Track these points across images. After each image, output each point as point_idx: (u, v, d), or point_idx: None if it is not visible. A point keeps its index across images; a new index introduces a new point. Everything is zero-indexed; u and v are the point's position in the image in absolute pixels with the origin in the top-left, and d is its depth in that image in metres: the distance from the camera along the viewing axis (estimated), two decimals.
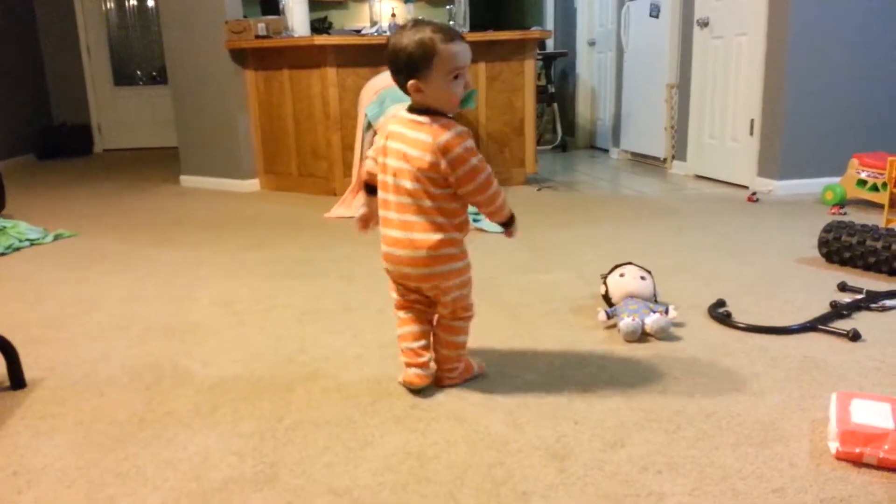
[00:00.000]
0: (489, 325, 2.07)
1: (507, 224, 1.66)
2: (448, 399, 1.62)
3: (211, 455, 1.42)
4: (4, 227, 3.33)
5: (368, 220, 1.73)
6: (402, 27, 1.55)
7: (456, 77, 1.52)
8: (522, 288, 2.45)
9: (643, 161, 5.73)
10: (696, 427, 1.47)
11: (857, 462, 1.32)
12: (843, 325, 1.98)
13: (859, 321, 2.03)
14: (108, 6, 7.73)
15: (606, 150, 6.46)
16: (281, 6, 4.63)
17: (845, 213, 3.49)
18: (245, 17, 4.74)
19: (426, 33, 1.50)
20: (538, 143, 5.35)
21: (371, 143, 3.81)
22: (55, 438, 1.51)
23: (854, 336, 1.89)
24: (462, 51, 1.51)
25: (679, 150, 5.09)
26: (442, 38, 1.49)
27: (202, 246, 3.26)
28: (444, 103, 1.54)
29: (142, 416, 1.60)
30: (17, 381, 1.77)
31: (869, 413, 1.37)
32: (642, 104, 5.55)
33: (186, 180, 5.13)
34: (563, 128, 6.87)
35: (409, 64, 1.51)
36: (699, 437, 1.43)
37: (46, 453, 1.45)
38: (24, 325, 2.24)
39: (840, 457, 1.33)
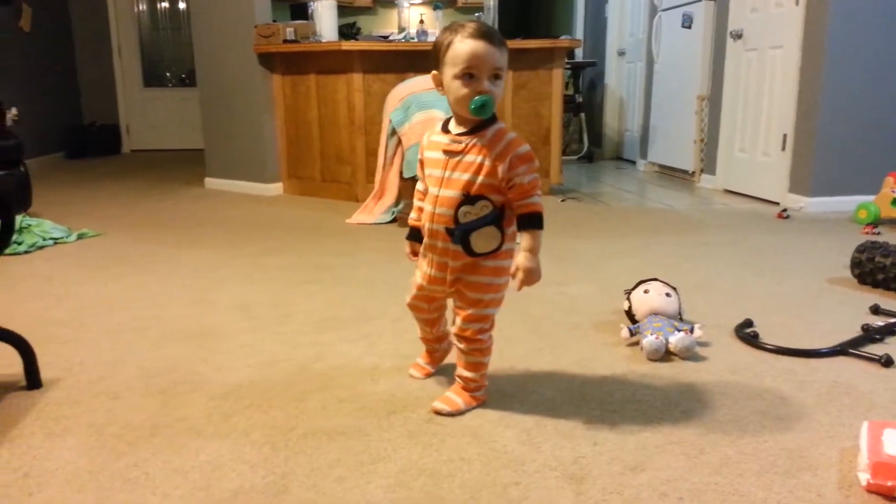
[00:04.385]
0: (508, 338, 2.03)
1: None
2: (464, 416, 1.58)
3: (222, 464, 1.40)
4: (29, 226, 3.35)
5: None
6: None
7: (468, 76, 1.43)
8: (543, 301, 2.41)
9: (671, 174, 5.65)
10: (719, 452, 1.42)
11: (889, 495, 1.26)
12: (876, 349, 1.91)
13: (892, 346, 1.97)
14: (140, 8, 7.84)
15: (633, 162, 6.39)
16: (310, 11, 4.64)
17: (879, 233, 3.40)
18: (274, 21, 4.76)
19: (456, 28, 1.46)
20: (564, 153, 5.30)
21: (395, 150, 3.79)
22: (68, 441, 1.50)
23: (887, 362, 1.82)
24: (478, 49, 1.41)
25: (708, 163, 5.01)
26: (464, 35, 1.43)
27: (223, 249, 3.26)
28: (454, 102, 1.48)
29: (155, 421, 1.59)
30: (34, 381, 1.77)
31: None
32: (671, 116, 5.48)
33: (211, 183, 5.16)
34: (589, 138, 6.82)
35: (433, 54, 1.50)
36: (723, 463, 1.38)
37: (58, 456, 1.44)
38: (43, 324, 2.24)
39: (871, 489, 1.27)
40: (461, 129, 1.51)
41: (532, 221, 1.47)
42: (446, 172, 1.50)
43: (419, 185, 1.62)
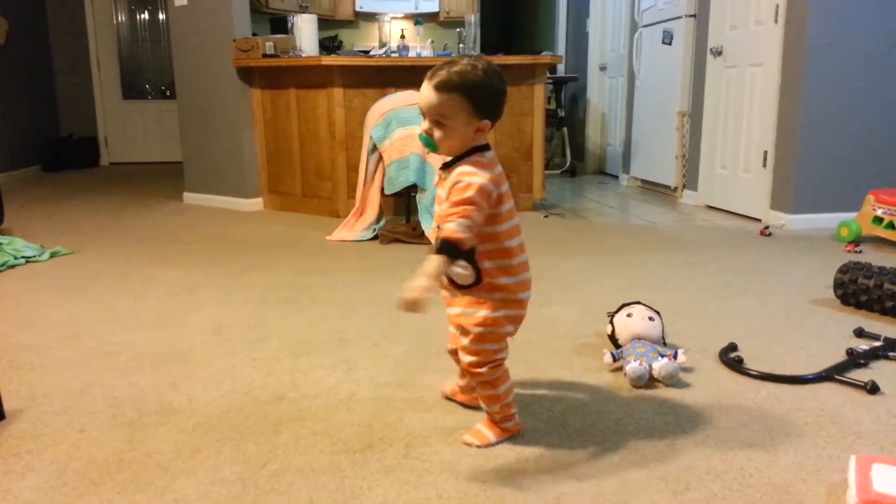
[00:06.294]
0: None
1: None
2: (443, 449, 1.53)
3: (188, 503, 1.34)
4: (0, 244, 3.26)
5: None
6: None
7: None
8: (523, 322, 2.36)
9: (653, 189, 5.65)
10: (705, 488, 1.38)
11: None
12: (861, 375, 1.89)
13: (877, 371, 1.94)
14: (119, 20, 7.74)
15: (616, 177, 6.39)
16: (290, 25, 4.60)
17: (860, 251, 3.39)
18: (254, 34, 4.71)
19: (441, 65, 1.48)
20: (546, 167, 5.28)
21: (376, 166, 3.75)
22: (28, 478, 1.43)
23: (872, 388, 1.79)
24: (422, 91, 1.44)
25: (690, 179, 5.01)
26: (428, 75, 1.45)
27: (200, 267, 3.19)
28: None
29: (121, 456, 1.52)
30: None
31: (891, 480, 1.28)
32: (653, 131, 5.49)
33: (190, 197, 5.08)
34: (572, 153, 6.81)
35: None
36: (709, 499, 1.34)
37: (17, 495, 1.37)
38: (9, 350, 2.16)
39: None
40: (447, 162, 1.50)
41: (440, 245, 1.35)
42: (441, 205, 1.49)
43: None
